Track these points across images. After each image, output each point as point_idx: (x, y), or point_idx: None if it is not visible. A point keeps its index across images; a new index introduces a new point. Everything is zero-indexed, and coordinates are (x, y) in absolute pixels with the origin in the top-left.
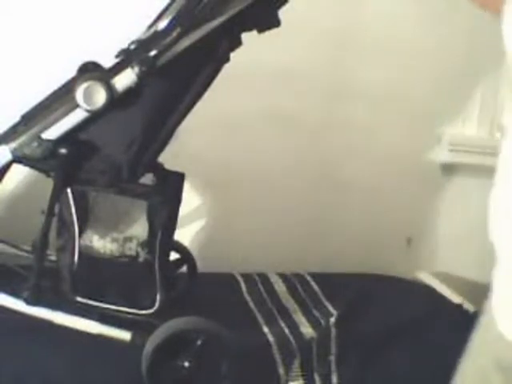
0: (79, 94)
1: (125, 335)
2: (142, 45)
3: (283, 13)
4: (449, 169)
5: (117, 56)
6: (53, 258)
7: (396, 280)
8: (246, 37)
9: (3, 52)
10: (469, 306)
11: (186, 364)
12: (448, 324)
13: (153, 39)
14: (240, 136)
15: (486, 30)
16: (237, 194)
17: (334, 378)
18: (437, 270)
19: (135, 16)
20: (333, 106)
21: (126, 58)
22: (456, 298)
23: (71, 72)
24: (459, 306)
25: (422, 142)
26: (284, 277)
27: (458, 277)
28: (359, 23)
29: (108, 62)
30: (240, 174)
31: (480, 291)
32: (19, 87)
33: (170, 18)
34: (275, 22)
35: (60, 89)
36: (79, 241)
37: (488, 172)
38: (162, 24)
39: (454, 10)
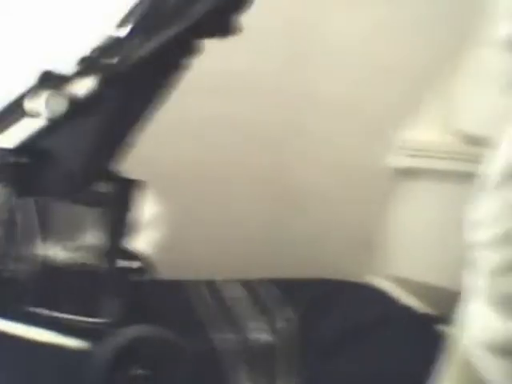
0: (38, 103)
1: (80, 345)
2: (103, 52)
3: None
4: (401, 173)
5: (78, 64)
6: (10, 267)
7: (350, 284)
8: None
9: None
10: (422, 309)
11: (140, 372)
12: (401, 327)
13: (113, 46)
14: (194, 144)
15: (442, 32)
16: (188, 202)
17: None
18: (392, 273)
19: (96, 23)
20: (287, 113)
21: (86, 66)
22: (409, 301)
23: (30, 81)
24: (412, 309)
25: (376, 146)
26: (239, 283)
27: (411, 280)
28: (314, 33)
29: (68, 70)
30: (192, 181)
31: (433, 294)
32: None
33: (131, 25)
34: (236, 29)
35: (19, 98)
36: (35, 250)
37: (441, 176)
38: (124, 31)
39: (408, 12)
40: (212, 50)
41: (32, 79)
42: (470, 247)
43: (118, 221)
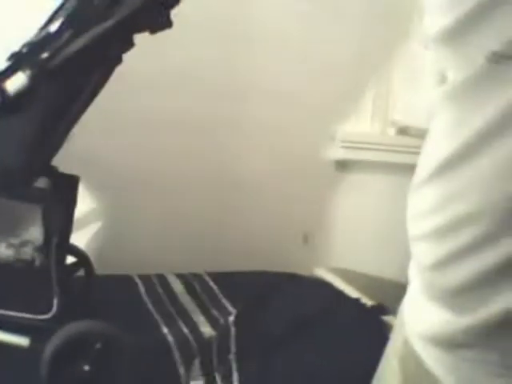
0: None
1: (23, 341)
2: (34, 47)
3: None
4: (343, 165)
5: (8, 59)
6: None
7: (294, 276)
8: (139, 37)
9: None
10: (366, 301)
11: (86, 368)
12: (346, 319)
13: (44, 42)
14: (135, 137)
15: (378, 27)
16: (133, 196)
17: (235, 376)
18: (334, 265)
19: (26, 19)
20: (226, 105)
21: (17, 61)
22: (353, 293)
23: None
24: (357, 301)
25: (316, 139)
26: (182, 277)
27: (355, 272)
28: (254, 23)
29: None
30: (135, 175)
31: (377, 285)
32: None
33: (61, 20)
34: (167, 23)
35: None
36: None
37: (381, 168)
38: (54, 26)
39: (345, 8)
40: (148, 44)
41: None
42: (411, 239)
43: (56, 216)
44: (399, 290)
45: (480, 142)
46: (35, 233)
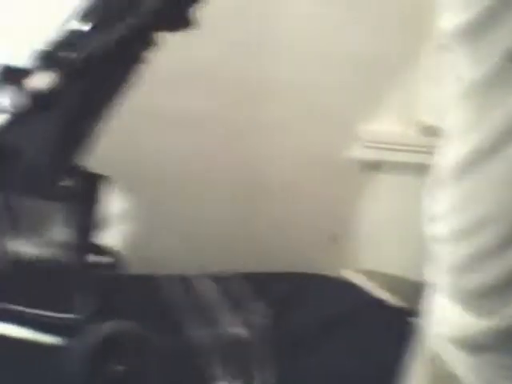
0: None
1: (53, 340)
2: (60, 47)
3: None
4: (368, 166)
5: (37, 58)
6: None
7: (322, 278)
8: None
9: None
10: (393, 302)
11: (116, 367)
12: (373, 320)
13: (71, 41)
14: (164, 138)
15: (404, 26)
16: (160, 196)
17: (267, 377)
18: (361, 267)
19: (53, 18)
20: (249, 106)
21: (44, 60)
22: (381, 294)
23: None
24: (384, 302)
25: (341, 139)
26: (211, 278)
27: (382, 273)
28: (273, 24)
29: (27, 64)
30: (163, 175)
31: (403, 287)
32: None
33: (86, 19)
34: (189, 23)
35: None
36: (3, 246)
37: (407, 168)
38: (79, 26)
39: (370, 7)
40: (169, 44)
41: None
42: (430, 241)
43: (85, 216)
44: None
45: (498, 141)
46: (62, 232)
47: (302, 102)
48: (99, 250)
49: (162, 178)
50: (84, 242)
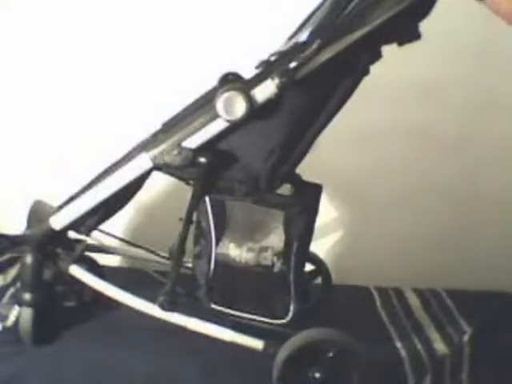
0: (219, 105)
1: (257, 344)
2: (282, 56)
3: (424, 25)
4: None
5: (257, 67)
6: (189, 265)
7: None
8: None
9: (147, 64)
10: None
11: (317, 375)
12: None
13: (293, 51)
14: (377, 150)
15: None
16: (372, 208)
17: None
18: None
19: (275, 28)
20: (470, 118)
21: (265, 70)
22: None
23: (212, 82)
24: None
25: None
26: (418, 292)
27: None
28: (502, 38)
29: (248, 73)
30: (376, 187)
31: None
32: (160, 96)
33: (310, 29)
34: (416, 35)
35: (200, 98)
36: (216, 249)
37: None
38: (303, 36)
39: None
40: (392, 56)
41: (213, 81)
42: None
43: (298, 224)
44: None
45: None
46: (276, 239)
47: None
48: (312, 259)
49: (375, 188)
50: (298, 250)
